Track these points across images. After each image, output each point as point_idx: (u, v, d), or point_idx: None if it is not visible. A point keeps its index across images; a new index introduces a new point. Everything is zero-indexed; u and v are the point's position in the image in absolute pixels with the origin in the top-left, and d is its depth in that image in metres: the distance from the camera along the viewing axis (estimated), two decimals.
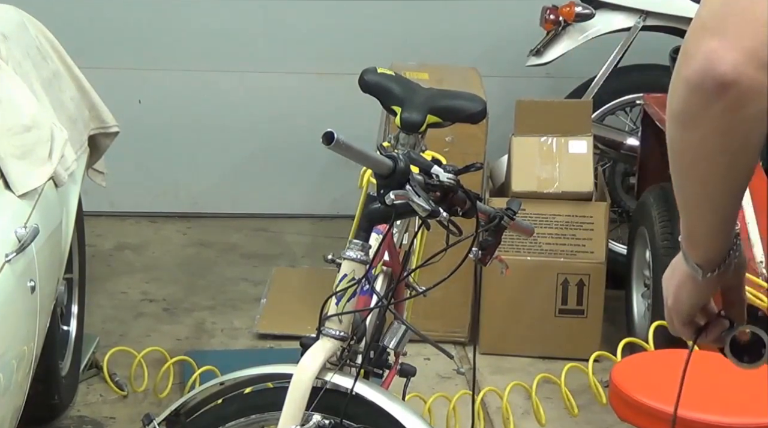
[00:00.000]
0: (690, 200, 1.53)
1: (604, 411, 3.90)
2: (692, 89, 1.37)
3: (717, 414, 2.79)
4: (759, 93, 1.33)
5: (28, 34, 3.77)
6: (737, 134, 1.38)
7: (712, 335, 1.67)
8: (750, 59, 1.32)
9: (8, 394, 2.84)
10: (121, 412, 4.02)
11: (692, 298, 1.62)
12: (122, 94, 5.39)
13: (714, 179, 1.46)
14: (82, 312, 4.12)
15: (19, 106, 3.33)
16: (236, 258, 5.46)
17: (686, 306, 1.64)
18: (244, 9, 5.76)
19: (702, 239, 1.57)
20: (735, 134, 1.38)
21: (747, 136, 1.39)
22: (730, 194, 1.49)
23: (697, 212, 1.54)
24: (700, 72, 1.35)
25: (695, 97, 1.37)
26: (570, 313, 4.51)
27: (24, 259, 2.93)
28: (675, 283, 1.63)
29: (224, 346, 4.56)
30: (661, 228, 4.19)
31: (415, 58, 5.19)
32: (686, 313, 1.65)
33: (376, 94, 3.06)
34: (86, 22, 5.63)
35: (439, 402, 3.81)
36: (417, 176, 2.15)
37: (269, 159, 5.90)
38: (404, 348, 2.63)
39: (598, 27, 4.97)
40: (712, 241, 1.56)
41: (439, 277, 2.33)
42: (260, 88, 5.82)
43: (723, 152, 1.41)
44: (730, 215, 1.53)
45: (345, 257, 2.43)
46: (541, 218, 4.45)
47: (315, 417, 2.35)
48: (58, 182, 3.42)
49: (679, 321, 1.67)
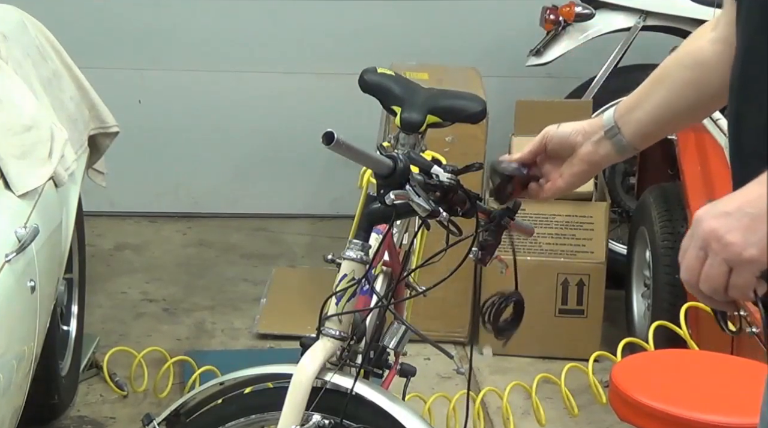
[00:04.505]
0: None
1: (604, 411, 3.90)
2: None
3: (717, 414, 2.79)
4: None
5: (28, 34, 3.77)
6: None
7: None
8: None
9: (8, 394, 2.84)
10: (121, 412, 4.02)
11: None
12: (122, 94, 5.39)
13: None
14: (82, 312, 4.12)
15: (19, 106, 3.33)
16: (236, 258, 5.46)
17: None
18: (244, 9, 5.76)
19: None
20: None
21: None
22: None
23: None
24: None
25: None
26: (570, 313, 4.51)
27: (24, 259, 2.93)
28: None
29: (224, 346, 4.56)
30: (661, 228, 4.19)
31: (415, 58, 5.19)
32: (765, 265, 1.49)
33: (376, 94, 3.06)
34: (86, 22, 5.63)
35: (439, 402, 3.81)
36: (417, 176, 2.15)
37: (269, 159, 5.91)
38: (404, 348, 2.63)
39: (598, 27, 4.98)
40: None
41: (439, 277, 2.32)
42: (260, 88, 5.82)
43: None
44: None
45: (345, 257, 2.43)
46: (541, 218, 4.45)
47: (315, 417, 2.35)
48: (58, 182, 3.42)
49: (754, 274, 1.50)
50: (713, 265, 1.50)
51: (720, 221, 1.49)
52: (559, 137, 2.00)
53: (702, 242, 1.51)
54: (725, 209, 1.50)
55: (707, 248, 1.51)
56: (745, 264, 1.48)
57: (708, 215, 1.51)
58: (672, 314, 3.76)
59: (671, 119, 1.96)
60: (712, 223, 1.50)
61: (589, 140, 1.98)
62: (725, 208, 1.50)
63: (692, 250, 1.53)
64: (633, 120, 1.94)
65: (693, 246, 1.53)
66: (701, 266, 1.52)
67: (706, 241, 1.51)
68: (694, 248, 1.52)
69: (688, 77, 1.89)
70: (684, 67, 1.90)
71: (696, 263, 1.52)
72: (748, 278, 1.49)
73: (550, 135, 2.00)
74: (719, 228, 1.49)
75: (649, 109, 1.93)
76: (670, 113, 1.94)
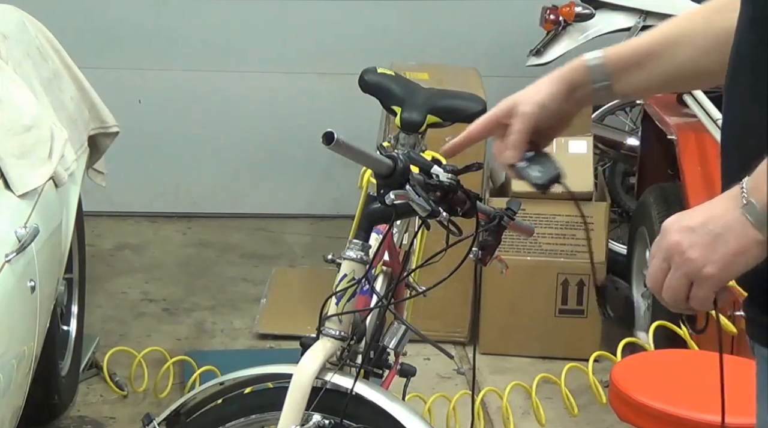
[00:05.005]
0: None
1: (604, 411, 3.90)
2: None
3: (717, 414, 2.78)
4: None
5: (28, 34, 3.77)
6: None
7: (725, 300, 1.58)
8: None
9: (8, 394, 2.84)
10: (121, 412, 4.02)
11: (750, 266, 1.52)
12: (122, 94, 5.40)
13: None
14: (82, 312, 4.12)
15: (19, 106, 3.33)
16: (236, 258, 5.46)
17: (734, 275, 1.54)
18: (244, 9, 5.76)
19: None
20: None
21: None
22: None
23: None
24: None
25: None
26: (570, 313, 4.51)
27: (24, 259, 2.93)
28: (729, 251, 1.50)
29: (224, 346, 4.56)
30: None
31: (415, 58, 5.18)
32: (725, 281, 1.54)
33: (376, 94, 3.06)
34: (86, 22, 5.63)
35: (439, 402, 3.81)
36: (417, 176, 2.15)
37: (269, 159, 5.90)
38: (404, 348, 2.63)
39: (598, 27, 4.97)
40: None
41: (439, 277, 2.32)
42: (260, 88, 5.82)
43: None
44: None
45: (345, 257, 2.43)
46: (541, 218, 4.45)
47: (315, 417, 2.35)
48: (58, 182, 3.42)
49: (712, 290, 1.55)
50: (674, 277, 1.55)
51: (683, 235, 1.53)
52: (548, 116, 1.87)
53: (666, 253, 1.55)
54: (690, 224, 1.54)
55: (670, 260, 1.55)
56: (704, 280, 1.53)
57: (674, 227, 1.55)
58: (672, 314, 3.76)
59: (677, 83, 1.90)
60: (675, 236, 1.54)
61: (572, 97, 1.86)
62: (690, 222, 1.54)
63: (657, 260, 1.56)
64: (633, 79, 1.84)
65: (658, 256, 1.56)
66: (664, 277, 1.56)
67: (670, 253, 1.54)
68: (659, 259, 1.56)
69: (724, 50, 1.72)
70: (717, 39, 1.77)
71: (660, 273, 1.56)
72: (707, 293, 1.54)
73: (533, 120, 1.87)
74: (682, 242, 1.53)
75: (660, 70, 1.83)
76: (679, 80, 1.86)
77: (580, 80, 1.85)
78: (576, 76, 1.86)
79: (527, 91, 1.90)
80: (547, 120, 1.88)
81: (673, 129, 4.16)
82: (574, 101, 1.87)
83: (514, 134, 1.88)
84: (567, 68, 1.87)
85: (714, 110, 4.04)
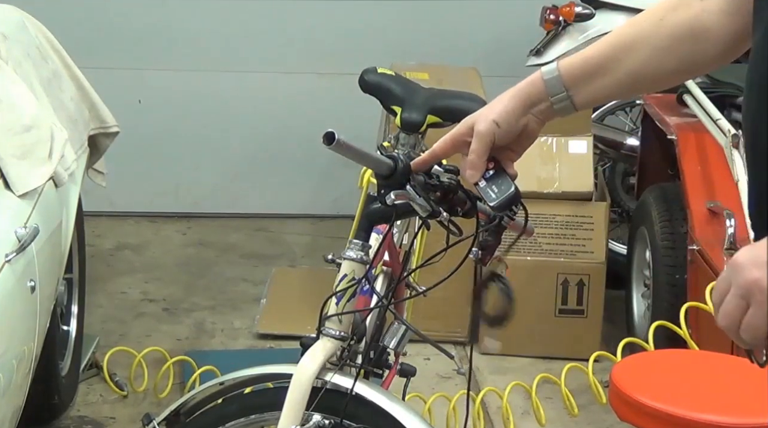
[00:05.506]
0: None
1: (604, 411, 3.90)
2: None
3: (717, 414, 2.79)
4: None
5: (28, 34, 3.77)
6: None
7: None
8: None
9: (8, 394, 2.84)
10: (121, 412, 4.02)
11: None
12: (122, 94, 5.39)
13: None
14: (82, 312, 4.12)
15: (19, 106, 3.33)
16: (236, 258, 5.46)
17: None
18: (244, 9, 5.76)
19: None
20: None
21: None
22: None
23: None
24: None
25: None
26: (570, 313, 4.51)
27: (24, 259, 2.93)
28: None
29: (224, 346, 4.56)
30: (661, 228, 4.18)
31: (415, 58, 5.19)
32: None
33: (376, 94, 3.06)
34: (86, 22, 5.63)
35: (439, 402, 3.81)
36: (417, 176, 2.15)
37: (269, 159, 5.91)
38: (404, 348, 2.63)
39: (598, 27, 4.97)
40: None
41: (439, 277, 2.32)
42: (260, 88, 5.82)
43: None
44: None
45: (345, 257, 2.43)
46: (541, 218, 4.45)
47: (315, 417, 2.35)
48: (58, 182, 3.42)
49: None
50: (757, 315, 1.46)
51: (764, 271, 1.44)
52: (507, 133, 1.83)
53: (743, 290, 1.46)
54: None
55: (750, 297, 1.46)
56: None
57: (749, 263, 1.46)
58: (672, 314, 3.76)
59: (640, 87, 1.86)
60: (755, 273, 1.45)
61: (531, 112, 1.83)
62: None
63: (733, 298, 1.47)
64: (592, 89, 1.80)
65: (734, 294, 1.47)
66: (742, 315, 1.47)
67: (749, 291, 1.45)
68: (735, 296, 1.47)
69: (682, 48, 1.75)
70: (674, 37, 1.76)
71: (737, 311, 1.47)
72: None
73: (489, 139, 1.83)
74: (762, 279, 1.44)
75: (620, 76, 1.79)
76: (641, 83, 1.82)
77: (537, 95, 1.83)
78: (533, 90, 1.83)
79: (484, 109, 1.86)
80: (507, 136, 1.84)
81: (673, 129, 4.16)
82: (534, 116, 1.84)
83: (471, 153, 1.85)
84: (524, 83, 1.84)
85: (714, 110, 4.04)
